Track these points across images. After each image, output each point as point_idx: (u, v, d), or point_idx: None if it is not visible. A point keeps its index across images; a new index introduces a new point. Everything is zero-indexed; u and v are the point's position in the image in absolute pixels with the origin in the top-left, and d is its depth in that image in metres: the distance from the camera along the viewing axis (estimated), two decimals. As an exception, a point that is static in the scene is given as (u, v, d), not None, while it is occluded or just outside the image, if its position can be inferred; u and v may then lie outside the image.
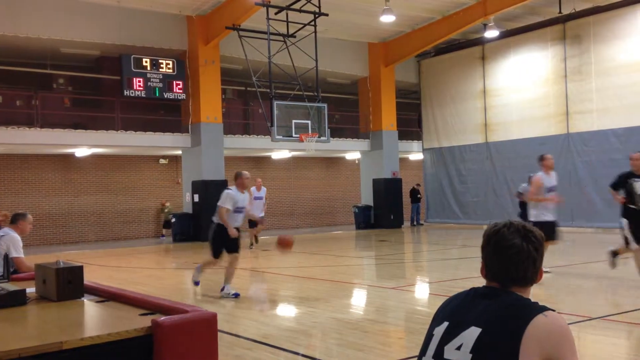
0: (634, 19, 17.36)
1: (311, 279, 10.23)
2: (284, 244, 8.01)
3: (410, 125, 25.16)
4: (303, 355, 5.47)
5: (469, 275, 9.72)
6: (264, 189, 15.12)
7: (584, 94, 18.42)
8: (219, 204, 8.33)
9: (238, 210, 8.38)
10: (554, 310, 1.86)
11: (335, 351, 5.50)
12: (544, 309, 1.86)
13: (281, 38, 17.15)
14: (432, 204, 23.78)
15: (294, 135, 16.89)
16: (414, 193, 24.02)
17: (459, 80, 22.53)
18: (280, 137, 16.76)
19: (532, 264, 1.95)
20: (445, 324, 1.95)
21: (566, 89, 18.94)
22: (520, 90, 20.30)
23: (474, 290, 2.01)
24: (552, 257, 11.05)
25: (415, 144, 24.93)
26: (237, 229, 8.41)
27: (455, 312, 1.97)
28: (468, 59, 22.12)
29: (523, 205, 13.97)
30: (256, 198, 14.46)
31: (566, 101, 18.95)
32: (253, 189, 14.44)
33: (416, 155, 25.17)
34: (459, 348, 1.85)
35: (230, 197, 8.27)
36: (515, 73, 20.62)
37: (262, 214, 14.91)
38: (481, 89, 21.67)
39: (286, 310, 8.01)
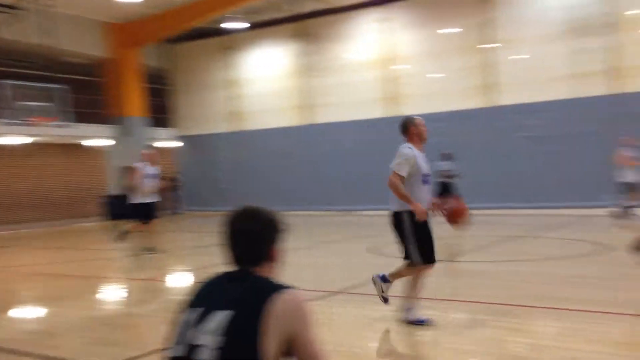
0: (358, 22, 19.46)
1: (59, 276, 9.55)
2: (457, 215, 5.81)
3: (165, 112, 24.68)
4: (47, 358, 5.15)
5: (225, 261, 10.03)
6: None
7: (323, 89, 20.12)
8: None
9: None
10: (293, 288, 1.96)
11: (84, 350, 5.29)
12: (282, 287, 1.94)
13: (7, 9, 15.36)
14: (189, 192, 23.75)
15: (27, 119, 15.33)
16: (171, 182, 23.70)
17: (208, 68, 22.81)
18: (9, 120, 15.08)
19: (265, 245, 2.06)
20: (197, 309, 1.97)
21: (306, 83, 20.46)
22: (265, 82, 21.33)
23: (223, 275, 2.08)
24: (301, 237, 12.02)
25: (170, 132, 24.56)
26: None
27: (206, 297, 2.00)
28: (216, 48, 22.50)
29: (442, 185, 14.69)
30: None
31: (306, 94, 20.49)
32: None
33: (171, 143, 24.83)
34: (210, 332, 1.88)
35: None
36: (260, 65, 21.63)
37: None
38: (229, 78, 22.23)
39: (28, 312, 7.39)
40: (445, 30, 18.07)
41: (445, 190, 14.52)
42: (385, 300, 5.69)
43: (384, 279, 5.64)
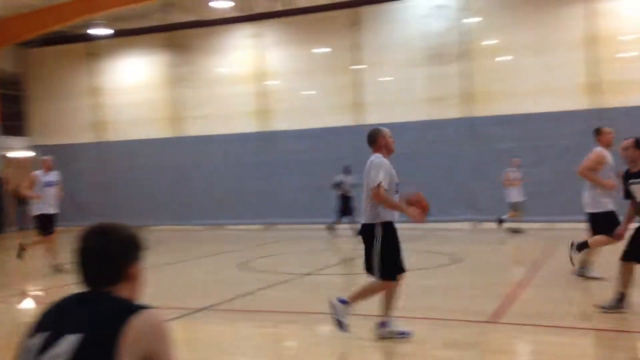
0: (230, 36, 19.49)
1: None
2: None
3: (21, 119, 22.89)
4: None
5: (77, 281, 9.47)
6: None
7: (192, 101, 19.80)
8: None
9: None
10: (150, 308, 1.89)
11: None
12: (137, 307, 1.87)
13: None
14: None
15: None
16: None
17: (71, 74, 21.57)
18: None
19: (120, 264, 1.97)
20: (43, 333, 1.87)
21: (176, 94, 20.04)
22: (133, 92, 20.58)
23: (73, 296, 1.97)
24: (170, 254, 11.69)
25: (24, 141, 22.80)
26: None
27: (53, 321, 1.90)
28: (79, 54, 21.35)
29: (343, 199, 14.95)
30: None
31: (176, 106, 20.05)
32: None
33: (25, 153, 23.05)
34: (57, 358, 1.79)
35: None
36: (128, 74, 20.86)
37: None
38: (93, 86, 21.20)
39: None
40: (317, 49, 18.60)
41: (346, 203, 14.93)
42: (341, 325, 5.32)
43: (343, 302, 5.40)
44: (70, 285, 9.11)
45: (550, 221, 15.57)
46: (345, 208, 14.82)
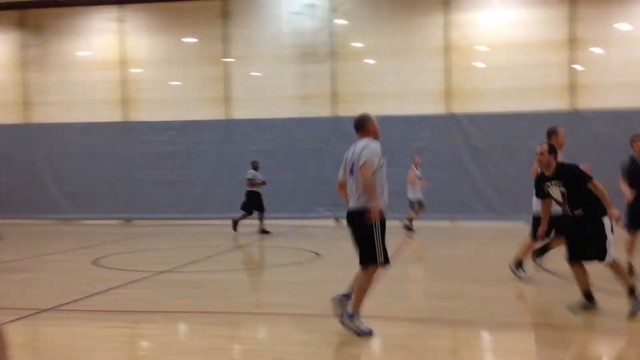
0: (90, 19, 18.32)
1: None
2: None
3: None
4: None
5: None
6: None
7: (45, 86, 18.38)
8: None
9: None
10: None
11: None
12: None
13: None
14: None
15: None
16: None
17: None
18: None
19: None
20: None
21: (26, 78, 18.50)
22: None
23: None
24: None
25: None
26: None
27: None
28: None
29: (253, 195, 14.23)
30: None
31: (26, 90, 18.51)
32: None
33: None
34: None
35: None
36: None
37: None
38: None
39: None
40: (185, 39, 18.04)
41: (254, 199, 14.46)
42: (361, 333, 5.21)
43: (347, 296, 5.36)
44: None
45: (402, 218, 16.40)
46: (257, 204, 14.47)
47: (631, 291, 5.69)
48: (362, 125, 5.50)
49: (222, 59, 17.59)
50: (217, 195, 17.12)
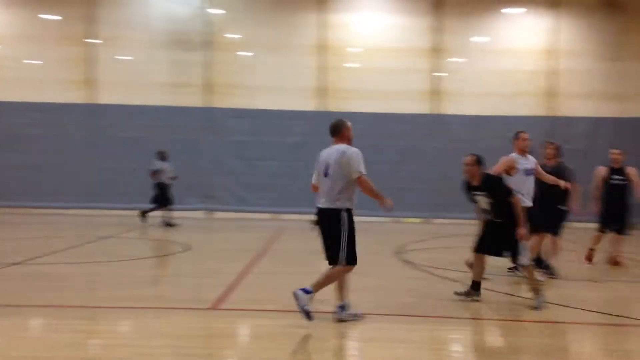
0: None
1: None
2: None
3: None
4: None
5: None
6: None
7: None
8: None
9: None
10: None
11: None
12: None
13: None
14: None
15: None
16: None
17: None
18: None
19: None
20: None
21: None
22: None
23: None
24: None
25: None
26: None
27: None
28: None
29: (161, 187, 13.40)
30: None
31: None
32: None
33: None
34: None
35: None
36: None
37: None
38: None
39: None
40: (45, 15, 16.79)
41: (163, 192, 13.71)
42: (308, 314, 5.36)
43: (307, 292, 5.40)
44: None
45: (277, 212, 16.63)
46: (164, 197, 13.74)
47: (536, 291, 6.28)
48: (339, 131, 5.71)
49: (85, 40, 16.62)
50: (82, 183, 16.20)
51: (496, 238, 6.33)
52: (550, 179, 7.77)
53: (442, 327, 5.62)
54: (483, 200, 6.28)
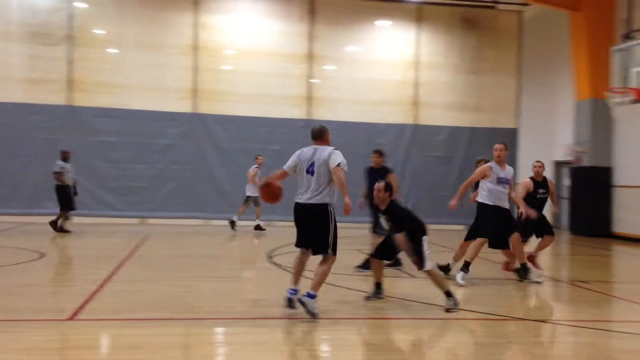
0: None
1: None
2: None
3: None
4: None
5: None
6: None
7: None
8: None
9: None
10: None
11: None
12: None
13: None
14: None
15: None
16: None
17: None
18: None
19: None
20: None
21: None
22: None
23: None
24: None
25: None
26: None
27: None
28: None
29: (60, 189, 12.46)
30: None
31: None
32: None
33: None
34: None
35: None
36: None
37: None
38: None
39: None
40: None
41: (66, 193, 12.71)
42: (315, 316, 5.77)
43: (311, 296, 5.80)
44: None
45: (144, 217, 16.03)
46: (67, 198, 12.67)
47: (447, 294, 6.50)
48: (322, 136, 6.25)
49: None
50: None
51: (394, 246, 6.70)
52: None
53: (311, 329, 5.70)
54: (387, 223, 6.67)
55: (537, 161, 8.95)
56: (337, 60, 17.46)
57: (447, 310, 6.39)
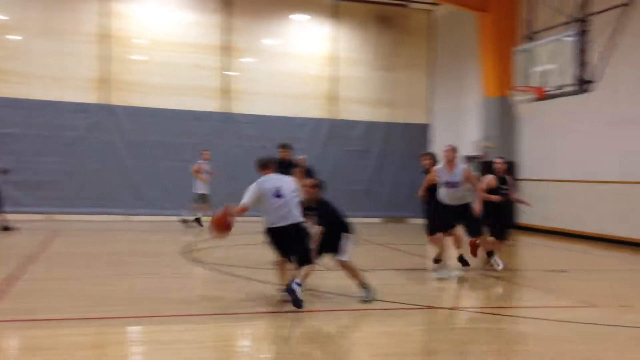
0: None
1: None
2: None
3: None
4: None
5: None
6: None
7: None
8: None
9: None
10: None
11: None
12: None
13: None
14: None
15: None
16: None
17: None
18: None
19: None
20: None
21: None
22: None
23: None
24: None
25: None
26: None
27: None
28: None
29: None
30: None
31: None
32: None
33: None
34: None
35: None
36: None
37: None
38: None
39: None
40: None
41: None
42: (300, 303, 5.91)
43: (299, 284, 5.97)
44: None
45: (51, 212, 15.24)
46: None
47: (363, 285, 6.56)
48: (271, 165, 6.46)
49: None
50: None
51: (322, 241, 6.63)
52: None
53: (230, 324, 5.63)
54: (313, 217, 6.66)
55: (499, 157, 9.32)
56: (256, 53, 17.31)
57: (365, 302, 6.50)
